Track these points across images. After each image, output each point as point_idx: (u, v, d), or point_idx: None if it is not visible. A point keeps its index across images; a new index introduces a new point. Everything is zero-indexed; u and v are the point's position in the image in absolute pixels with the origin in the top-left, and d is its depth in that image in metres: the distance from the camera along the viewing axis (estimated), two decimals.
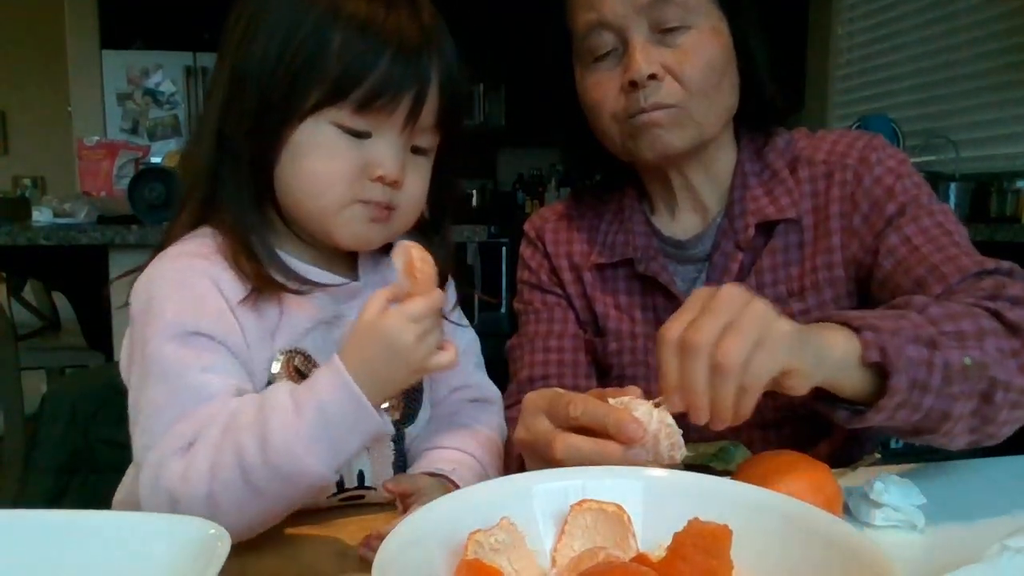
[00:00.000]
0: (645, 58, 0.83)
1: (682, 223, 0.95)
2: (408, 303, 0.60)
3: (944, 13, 3.50)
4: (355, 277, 0.77)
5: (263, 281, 0.68)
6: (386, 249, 0.80)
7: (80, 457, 0.99)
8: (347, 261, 0.78)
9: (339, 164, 0.68)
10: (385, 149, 0.68)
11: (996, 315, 0.70)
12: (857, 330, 0.64)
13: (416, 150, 0.72)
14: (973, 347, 0.67)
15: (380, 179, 0.68)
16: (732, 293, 0.58)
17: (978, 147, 3.35)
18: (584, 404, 0.59)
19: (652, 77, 0.83)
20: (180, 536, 0.48)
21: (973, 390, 0.67)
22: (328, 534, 0.67)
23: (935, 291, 0.78)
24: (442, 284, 0.82)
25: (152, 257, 0.70)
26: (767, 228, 0.90)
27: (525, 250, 1.05)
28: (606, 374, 0.98)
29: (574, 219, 1.02)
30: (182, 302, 0.66)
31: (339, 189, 0.68)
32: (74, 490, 0.98)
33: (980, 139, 3.34)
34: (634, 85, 0.83)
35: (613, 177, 1.01)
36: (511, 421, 0.90)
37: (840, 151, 0.90)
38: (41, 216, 2.33)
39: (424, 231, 0.81)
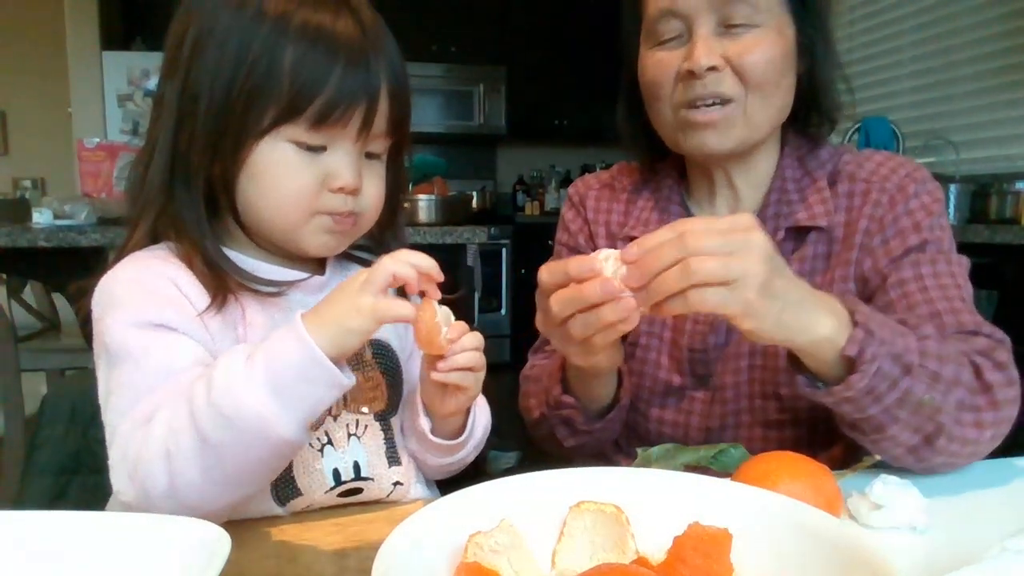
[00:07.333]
0: (706, 51, 0.85)
1: (716, 212, 0.98)
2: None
3: (944, 14, 3.50)
4: (321, 272, 0.79)
5: (220, 282, 0.69)
6: (345, 254, 0.82)
7: (80, 458, 0.99)
8: (311, 259, 0.79)
9: (300, 180, 0.69)
10: (342, 160, 0.70)
11: (977, 370, 0.75)
12: (855, 323, 0.69)
13: (369, 155, 0.73)
14: (940, 391, 0.71)
15: (340, 190, 0.70)
16: (761, 242, 0.65)
17: (978, 148, 3.35)
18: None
19: (712, 69, 0.85)
20: (180, 536, 0.48)
21: (919, 427, 0.72)
22: (328, 536, 0.67)
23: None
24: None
25: (105, 271, 0.70)
26: (799, 234, 0.92)
27: (567, 212, 1.10)
28: (622, 338, 0.99)
29: (616, 190, 1.07)
30: (143, 296, 0.67)
31: (302, 204, 0.70)
32: (74, 491, 0.98)
33: (980, 140, 3.34)
34: (691, 75, 0.86)
35: (656, 158, 1.04)
36: (525, 365, 1.01)
37: (883, 173, 0.92)
38: (41, 218, 2.33)
39: (377, 235, 0.82)
